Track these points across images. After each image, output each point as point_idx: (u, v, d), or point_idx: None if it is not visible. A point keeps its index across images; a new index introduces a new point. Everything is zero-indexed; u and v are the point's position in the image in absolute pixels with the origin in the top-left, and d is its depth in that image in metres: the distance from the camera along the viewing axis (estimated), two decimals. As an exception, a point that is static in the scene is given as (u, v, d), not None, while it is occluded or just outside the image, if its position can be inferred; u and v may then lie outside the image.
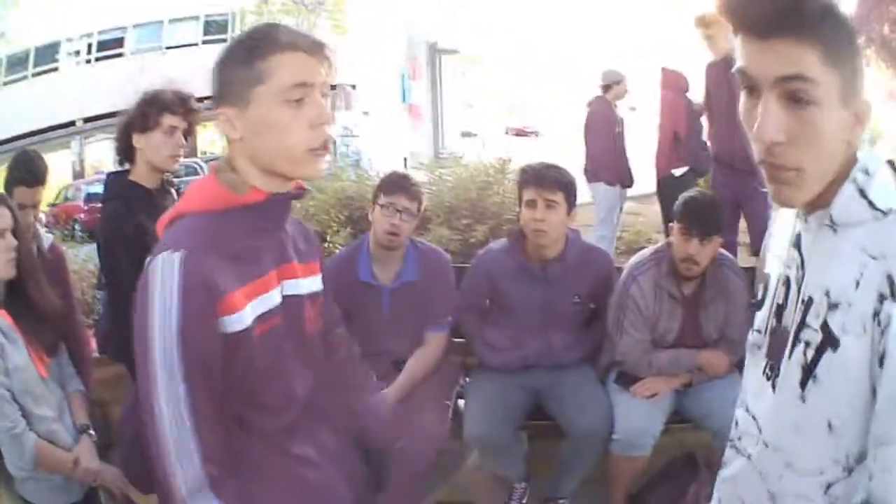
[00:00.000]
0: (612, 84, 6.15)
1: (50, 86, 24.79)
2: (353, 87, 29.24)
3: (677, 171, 5.57)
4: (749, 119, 1.03)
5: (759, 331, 1.20)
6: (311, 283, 1.48)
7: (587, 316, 3.06)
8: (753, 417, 1.19)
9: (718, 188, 4.64)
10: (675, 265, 2.82)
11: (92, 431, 2.33)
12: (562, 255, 2.91)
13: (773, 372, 1.15)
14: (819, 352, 1.05)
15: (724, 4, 1.01)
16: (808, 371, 1.06)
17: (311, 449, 1.46)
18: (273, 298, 1.35)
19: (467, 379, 3.16)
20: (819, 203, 1.07)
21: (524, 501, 3.01)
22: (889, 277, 0.98)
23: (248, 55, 1.24)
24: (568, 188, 2.84)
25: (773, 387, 1.14)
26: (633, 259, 3.00)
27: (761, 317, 1.21)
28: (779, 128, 0.99)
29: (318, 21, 24.06)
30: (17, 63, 25.12)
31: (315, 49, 1.26)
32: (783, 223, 1.22)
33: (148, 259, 1.26)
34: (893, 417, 0.98)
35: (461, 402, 3.02)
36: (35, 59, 25.23)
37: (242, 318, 1.27)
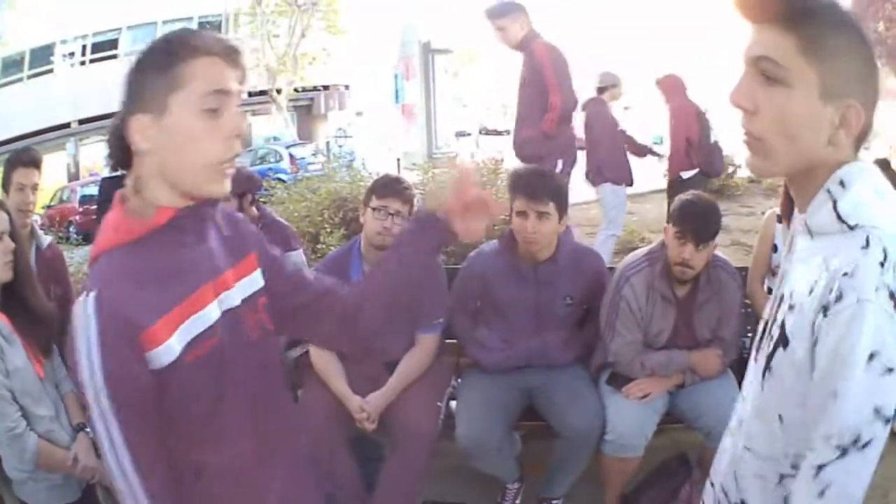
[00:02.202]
0: (608, 86, 6.17)
1: (45, 88, 24.79)
2: (347, 87, 29.28)
3: (686, 174, 5.69)
4: None
5: (764, 319, 1.27)
6: (245, 287, 1.38)
7: (580, 317, 3.07)
8: (743, 399, 1.27)
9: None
10: (668, 267, 2.80)
11: (88, 429, 2.32)
12: (553, 257, 2.92)
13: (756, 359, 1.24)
14: (775, 347, 1.13)
15: None
16: (767, 362, 1.15)
17: (272, 489, 1.38)
18: (209, 316, 1.27)
19: (459, 380, 3.17)
20: (803, 206, 1.14)
21: (517, 502, 3.02)
22: (831, 292, 1.03)
23: (165, 60, 1.20)
24: (558, 196, 2.83)
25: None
26: (626, 259, 2.99)
27: (768, 306, 1.27)
28: (744, 94, 1.10)
29: (311, 21, 24.04)
30: (12, 65, 25.13)
31: (229, 54, 1.23)
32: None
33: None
34: (817, 424, 1.04)
35: (453, 404, 3.03)
36: (30, 61, 25.22)
37: (169, 349, 1.20)
